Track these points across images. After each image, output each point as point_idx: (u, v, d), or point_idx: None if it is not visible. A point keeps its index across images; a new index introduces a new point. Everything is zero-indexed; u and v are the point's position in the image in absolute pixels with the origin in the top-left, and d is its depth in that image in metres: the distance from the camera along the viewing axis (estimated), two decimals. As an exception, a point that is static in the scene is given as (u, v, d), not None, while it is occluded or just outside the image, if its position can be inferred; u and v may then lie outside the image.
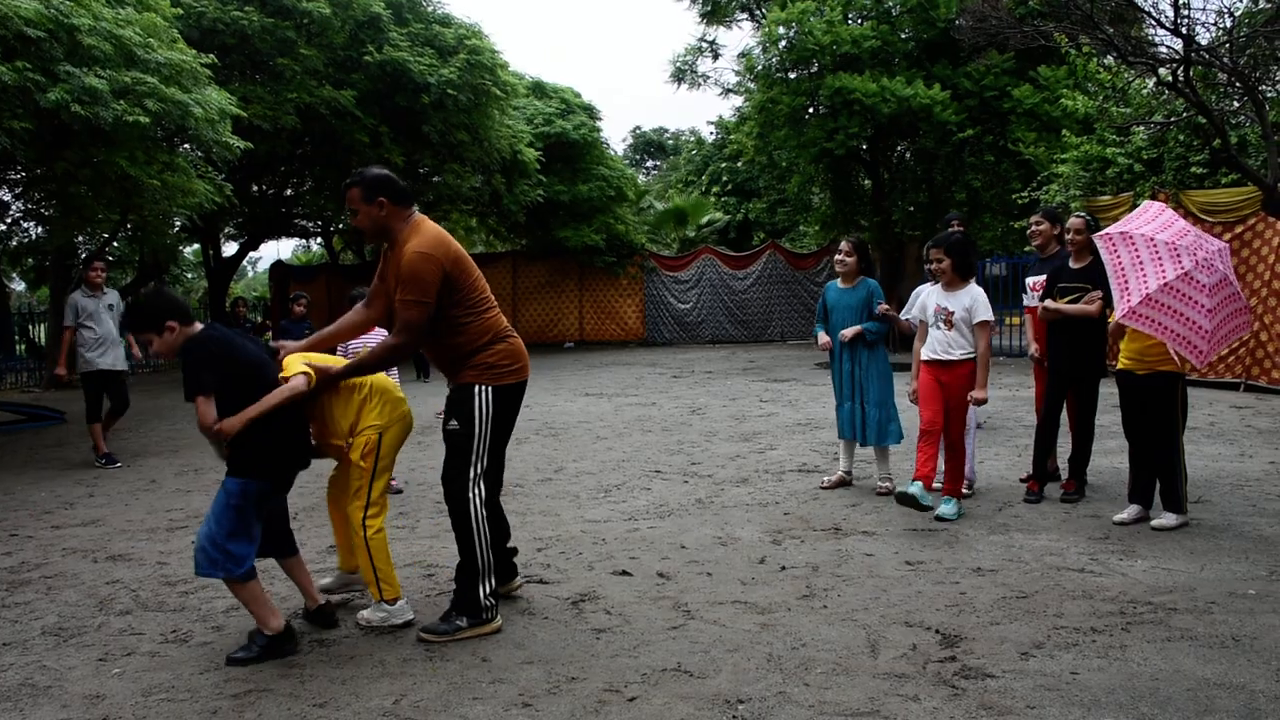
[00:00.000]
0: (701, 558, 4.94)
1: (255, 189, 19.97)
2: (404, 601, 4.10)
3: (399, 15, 16.47)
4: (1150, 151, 12.66)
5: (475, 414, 3.90)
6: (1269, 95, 11.89)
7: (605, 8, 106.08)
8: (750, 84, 20.47)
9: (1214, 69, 11.47)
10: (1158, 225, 5.22)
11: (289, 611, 4.07)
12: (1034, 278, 6.79)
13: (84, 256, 10.13)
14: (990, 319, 5.61)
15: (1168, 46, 12.04)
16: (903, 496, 5.36)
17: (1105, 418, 7.03)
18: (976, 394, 5.57)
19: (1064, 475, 6.22)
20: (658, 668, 3.52)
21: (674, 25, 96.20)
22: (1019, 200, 15.65)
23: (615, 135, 74.99)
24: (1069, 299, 5.93)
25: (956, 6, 16.62)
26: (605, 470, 7.40)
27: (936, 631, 3.81)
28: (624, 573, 4.71)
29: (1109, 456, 7.14)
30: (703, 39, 23.89)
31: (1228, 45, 10.84)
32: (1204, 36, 11.48)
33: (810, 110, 18.66)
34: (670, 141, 46.73)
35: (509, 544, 4.38)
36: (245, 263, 32.15)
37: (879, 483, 6.43)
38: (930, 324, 5.77)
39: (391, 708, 3.24)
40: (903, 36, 18.19)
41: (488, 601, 3.93)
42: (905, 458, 7.19)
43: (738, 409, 10.80)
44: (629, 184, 24.00)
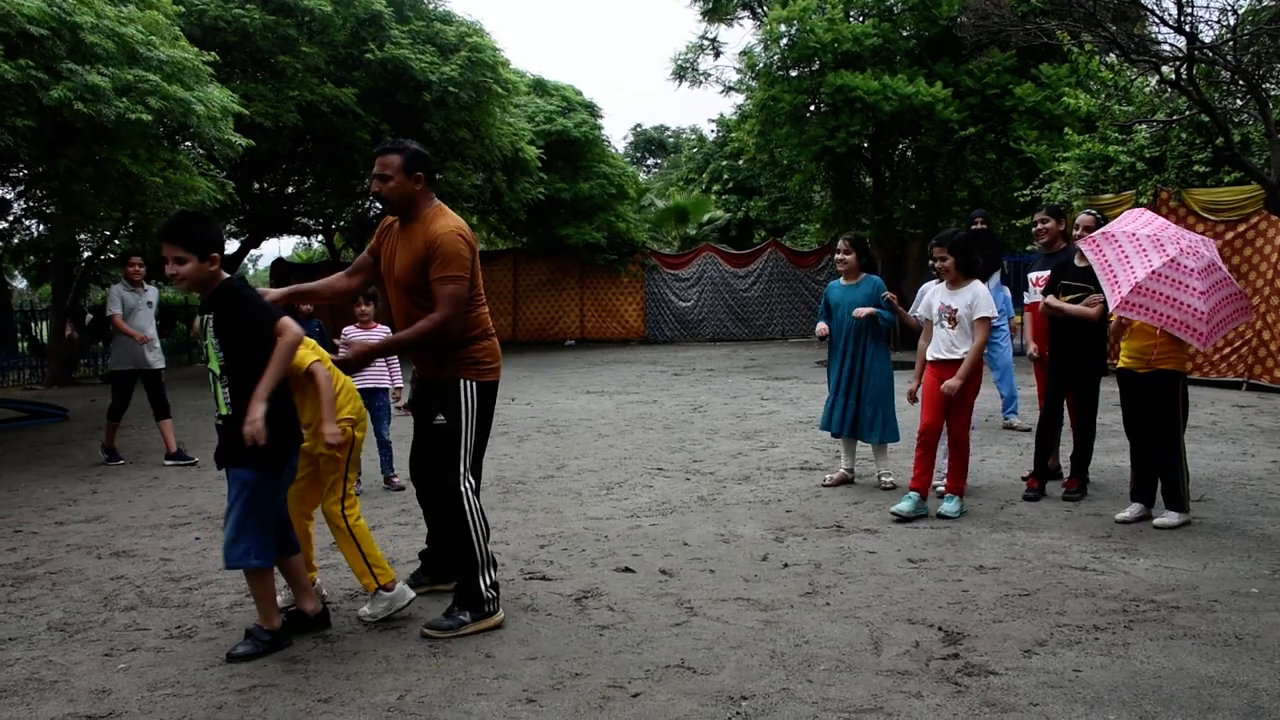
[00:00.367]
0: (704, 555, 4.95)
1: (256, 186, 19.96)
2: (401, 584, 4.11)
3: (400, 13, 16.47)
4: (1153, 150, 12.64)
5: (462, 408, 3.93)
6: (1272, 93, 11.88)
7: (606, 6, 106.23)
8: (751, 82, 20.43)
9: (1217, 67, 11.46)
10: (1140, 224, 5.35)
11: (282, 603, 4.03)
12: (1037, 273, 6.79)
13: (122, 251, 10.07)
14: (991, 315, 5.60)
15: (1171, 44, 12.06)
16: (898, 518, 5.55)
17: (1107, 416, 7.04)
18: (951, 380, 5.54)
19: (1066, 474, 6.22)
20: (661, 664, 3.53)
21: (675, 23, 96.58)
22: (1021, 199, 15.64)
23: (616, 133, 74.83)
24: (1071, 297, 5.93)
25: (958, 4, 16.58)
26: (607, 468, 7.41)
27: (939, 629, 3.82)
28: (627, 569, 4.72)
29: (1111, 455, 7.14)
30: (704, 37, 23.88)
31: (1231, 43, 10.83)
32: (1207, 34, 11.47)
33: (811, 108, 18.64)
34: (671, 139, 46.65)
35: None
36: (246, 260, 32.12)
37: (881, 479, 6.45)
38: (935, 322, 5.78)
39: (396, 703, 3.25)
40: (904, 34, 18.15)
41: (489, 594, 3.94)
42: (906, 456, 7.20)
43: (739, 407, 10.80)
44: (630, 182, 23.99)
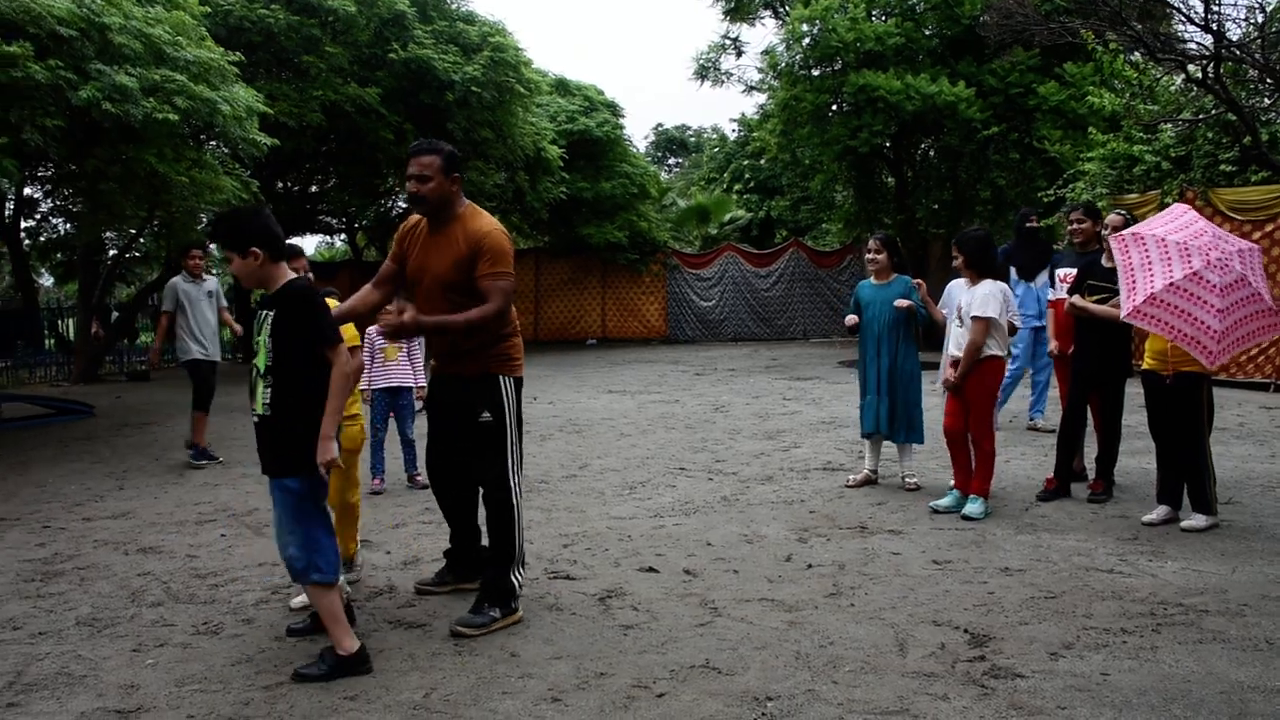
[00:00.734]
0: (728, 555, 4.95)
1: (280, 186, 20.13)
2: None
3: (423, 13, 16.53)
4: (1178, 149, 12.51)
5: (504, 403, 4.04)
6: (1301, 91, 11.73)
7: (628, 5, 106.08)
8: (773, 81, 20.34)
9: (1244, 65, 11.33)
10: (1174, 227, 5.22)
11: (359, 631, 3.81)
12: (1064, 270, 6.71)
13: (182, 246, 10.08)
14: (988, 315, 5.50)
15: (1197, 43, 11.90)
16: (934, 511, 5.70)
17: (1132, 418, 6.96)
18: (947, 375, 5.67)
19: (1091, 476, 6.17)
20: (686, 664, 3.53)
21: (697, 23, 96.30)
22: (1044, 198, 15.50)
23: (638, 132, 75.22)
24: (1097, 298, 5.86)
25: (981, 3, 16.47)
26: (630, 467, 7.41)
27: (965, 631, 3.80)
28: (651, 569, 4.72)
29: (1137, 457, 7.08)
30: (726, 36, 23.75)
31: (1259, 41, 10.70)
32: (1234, 32, 11.34)
33: (834, 107, 18.57)
34: (693, 139, 46.59)
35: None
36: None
37: (905, 479, 6.43)
38: (955, 320, 5.77)
39: (422, 701, 3.27)
40: (927, 33, 18.06)
41: (520, 591, 4.05)
42: (930, 456, 7.17)
43: (761, 407, 10.78)
44: (652, 181, 23.98)
